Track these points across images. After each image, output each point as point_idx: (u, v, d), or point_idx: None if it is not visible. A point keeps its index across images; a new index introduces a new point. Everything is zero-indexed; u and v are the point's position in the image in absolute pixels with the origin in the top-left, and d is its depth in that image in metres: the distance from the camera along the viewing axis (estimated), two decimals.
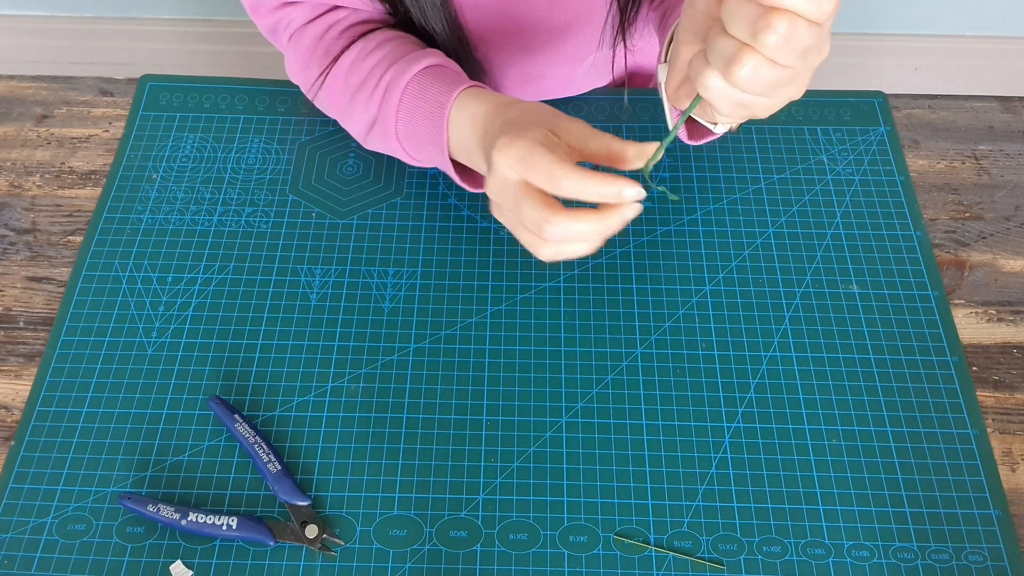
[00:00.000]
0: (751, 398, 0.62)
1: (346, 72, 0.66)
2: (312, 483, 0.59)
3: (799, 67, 0.42)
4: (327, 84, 0.67)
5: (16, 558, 0.56)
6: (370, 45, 0.66)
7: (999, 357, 0.66)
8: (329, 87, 0.67)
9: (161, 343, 0.64)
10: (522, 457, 0.60)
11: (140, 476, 0.59)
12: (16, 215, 0.74)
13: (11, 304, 0.69)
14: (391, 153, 0.67)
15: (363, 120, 0.66)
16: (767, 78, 0.42)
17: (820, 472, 0.59)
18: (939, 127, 0.78)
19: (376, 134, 0.66)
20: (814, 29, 0.40)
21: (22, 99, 0.83)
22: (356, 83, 0.65)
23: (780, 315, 0.66)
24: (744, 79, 0.42)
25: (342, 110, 0.68)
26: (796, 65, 0.42)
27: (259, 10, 0.69)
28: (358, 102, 0.65)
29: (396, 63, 0.63)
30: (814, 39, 0.40)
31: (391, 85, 0.63)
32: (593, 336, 0.65)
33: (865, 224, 0.71)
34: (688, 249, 0.69)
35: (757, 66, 0.41)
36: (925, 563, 0.56)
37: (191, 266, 0.68)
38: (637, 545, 0.56)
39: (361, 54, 0.65)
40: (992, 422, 0.63)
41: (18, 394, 0.64)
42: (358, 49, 0.66)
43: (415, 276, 0.68)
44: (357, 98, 0.65)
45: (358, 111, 0.66)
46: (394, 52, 0.64)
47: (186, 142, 0.76)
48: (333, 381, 0.63)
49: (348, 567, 0.56)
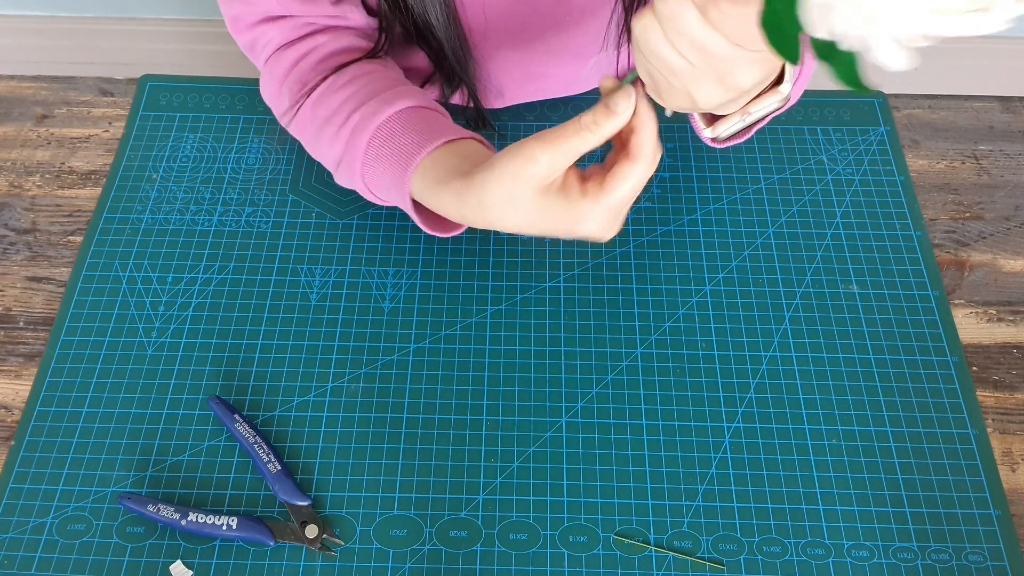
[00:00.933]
0: (751, 398, 0.62)
1: (313, 104, 0.63)
2: (312, 483, 0.59)
3: (697, 63, 0.42)
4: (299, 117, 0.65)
5: (16, 558, 0.56)
6: (342, 79, 0.63)
7: (999, 357, 0.66)
8: (301, 118, 0.65)
9: (161, 343, 0.64)
10: (522, 457, 0.60)
11: (140, 476, 0.59)
12: (16, 215, 0.74)
13: (11, 304, 0.69)
14: (357, 191, 0.65)
15: (329, 156, 0.63)
16: (657, 50, 0.42)
17: (820, 472, 0.59)
18: (939, 127, 0.78)
19: (342, 172, 0.63)
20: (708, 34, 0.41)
21: (22, 99, 0.83)
22: (323, 116, 0.62)
23: (780, 315, 0.66)
24: (636, 34, 0.43)
25: (309, 142, 0.66)
26: (690, 57, 0.42)
27: (237, 25, 0.67)
28: (324, 137, 0.62)
29: (366, 103, 0.60)
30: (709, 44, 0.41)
31: (358, 127, 0.60)
32: (593, 336, 0.65)
33: (865, 224, 0.71)
34: (688, 249, 0.69)
35: (648, 26, 0.42)
36: (925, 563, 0.56)
37: (191, 266, 0.68)
38: (637, 545, 0.56)
39: (332, 87, 0.63)
40: (992, 422, 0.63)
41: (18, 394, 0.64)
42: (329, 82, 0.63)
43: (415, 276, 0.68)
44: (323, 132, 0.62)
45: (324, 145, 0.63)
46: (365, 89, 0.62)
47: (186, 142, 0.76)
48: (333, 381, 0.63)
49: (348, 567, 0.56)
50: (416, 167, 0.57)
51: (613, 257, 0.69)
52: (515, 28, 0.72)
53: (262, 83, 0.70)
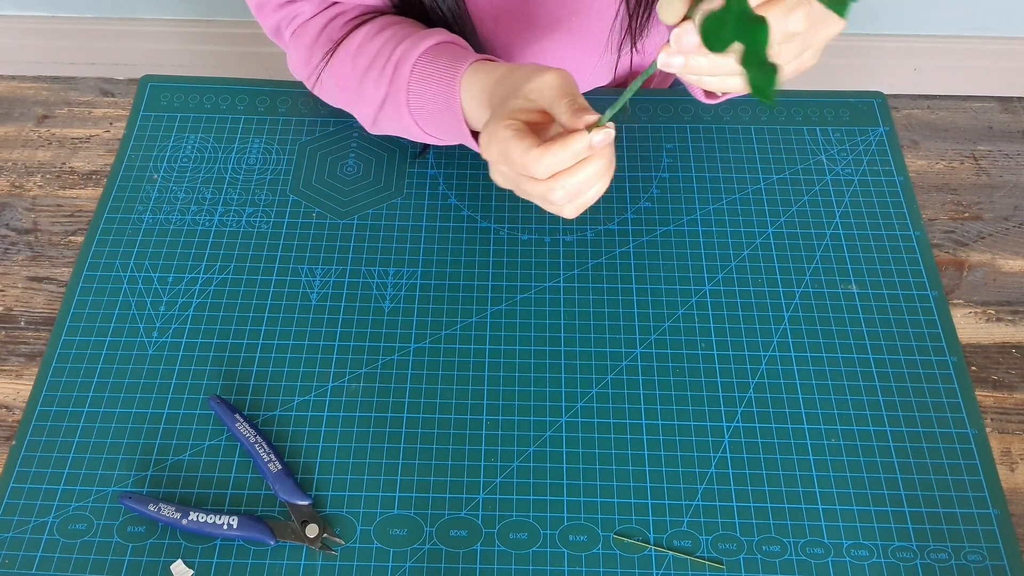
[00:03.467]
0: (751, 398, 0.62)
1: (354, 54, 0.66)
2: (312, 482, 0.59)
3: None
4: (335, 71, 0.68)
5: (17, 558, 0.56)
6: (376, 27, 0.67)
7: (998, 357, 0.67)
8: (337, 72, 0.68)
9: (162, 343, 0.65)
10: (522, 457, 0.60)
11: (141, 476, 0.59)
12: (17, 215, 0.74)
13: (12, 304, 0.69)
14: (403, 133, 0.68)
15: (373, 100, 0.66)
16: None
17: (820, 472, 0.59)
18: (938, 127, 0.78)
19: (387, 112, 0.66)
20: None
21: (23, 99, 0.84)
22: (364, 64, 0.66)
23: (780, 315, 0.66)
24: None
25: (351, 95, 0.69)
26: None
27: (264, 9, 0.70)
28: (367, 82, 0.66)
29: (405, 40, 0.64)
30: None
31: (401, 60, 0.63)
32: (593, 336, 0.65)
33: (864, 224, 0.71)
34: (688, 249, 0.69)
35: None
36: (924, 562, 0.56)
37: (192, 266, 0.68)
38: (637, 545, 0.57)
39: (368, 36, 0.66)
40: (991, 422, 0.63)
41: (19, 394, 0.64)
42: (364, 32, 0.67)
43: (415, 276, 0.68)
44: (367, 79, 0.66)
45: (368, 91, 0.66)
46: (402, 31, 0.66)
47: (187, 142, 0.76)
48: (333, 381, 0.63)
49: (348, 566, 0.56)
50: (465, 70, 0.61)
51: (613, 257, 0.69)
52: (521, 28, 0.72)
53: (289, 58, 0.72)
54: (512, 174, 0.52)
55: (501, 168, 0.53)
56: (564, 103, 0.51)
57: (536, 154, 0.50)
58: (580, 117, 0.50)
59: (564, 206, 0.53)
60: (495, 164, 0.53)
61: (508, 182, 0.54)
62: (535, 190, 0.52)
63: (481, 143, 0.53)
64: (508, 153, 0.51)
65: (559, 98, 0.51)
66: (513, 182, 0.53)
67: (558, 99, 0.51)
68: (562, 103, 0.51)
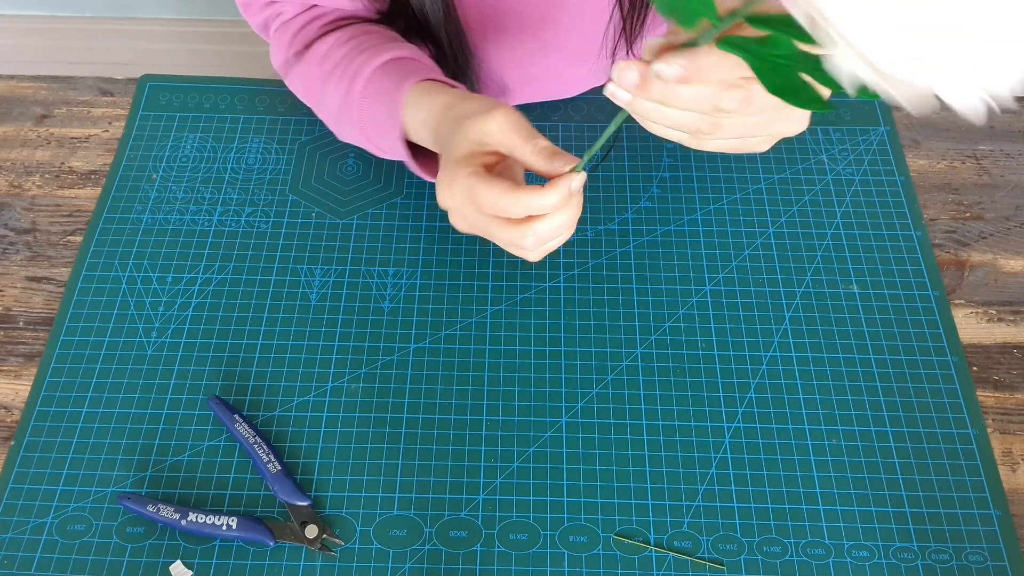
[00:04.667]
0: (751, 398, 0.62)
1: (321, 59, 0.67)
2: (312, 483, 0.59)
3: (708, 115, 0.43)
4: (304, 71, 0.68)
5: (16, 558, 0.56)
6: (346, 35, 0.67)
7: (999, 357, 0.66)
8: (305, 74, 0.68)
9: (161, 343, 0.64)
10: (522, 457, 0.60)
11: (140, 476, 0.59)
12: (16, 215, 0.73)
13: (11, 304, 0.69)
14: (360, 143, 0.68)
15: (332, 107, 0.67)
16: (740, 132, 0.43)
17: (820, 472, 0.59)
18: (939, 127, 0.78)
19: (343, 120, 0.67)
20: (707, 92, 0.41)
21: (22, 99, 0.83)
22: (328, 69, 0.66)
23: (780, 315, 0.66)
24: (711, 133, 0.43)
25: (316, 97, 0.69)
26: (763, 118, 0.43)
27: (250, 8, 0.71)
28: (329, 87, 0.66)
29: (366, 51, 0.64)
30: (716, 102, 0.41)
31: (358, 71, 0.63)
32: (593, 336, 0.65)
33: (865, 224, 0.70)
34: (688, 249, 0.69)
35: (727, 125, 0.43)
36: (925, 563, 0.56)
37: (191, 266, 0.68)
38: (637, 545, 0.56)
39: (336, 42, 0.66)
40: (992, 422, 0.63)
41: (18, 394, 0.64)
42: (334, 38, 0.67)
43: (415, 276, 0.68)
44: (328, 84, 0.66)
45: (329, 97, 0.67)
46: (367, 41, 0.65)
47: (186, 142, 0.76)
48: (333, 381, 0.63)
49: (348, 567, 0.56)
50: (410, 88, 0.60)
51: (613, 257, 0.69)
52: (514, 30, 0.72)
53: (271, 51, 0.72)
54: (478, 219, 0.51)
55: (464, 213, 0.51)
56: (528, 148, 0.49)
57: (514, 196, 0.48)
58: (555, 162, 0.49)
59: (531, 251, 0.52)
60: (457, 209, 0.51)
61: (472, 227, 0.52)
62: (505, 234, 0.50)
63: (440, 190, 0.52)
64: (476, 197, 0.49)
65: (520, 142, 0.50)
66: (480, 227, 0.52)
67: (519, 144, 0.50)
68: (527, 148, 0.49)
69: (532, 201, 0.48)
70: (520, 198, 0.48)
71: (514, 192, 0.49)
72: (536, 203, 0.48)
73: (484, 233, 0.52)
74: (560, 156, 0.49)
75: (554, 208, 0.49)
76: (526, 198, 0.48)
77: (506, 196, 0.49)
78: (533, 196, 0.48)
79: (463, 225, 0.53)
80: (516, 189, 0.49)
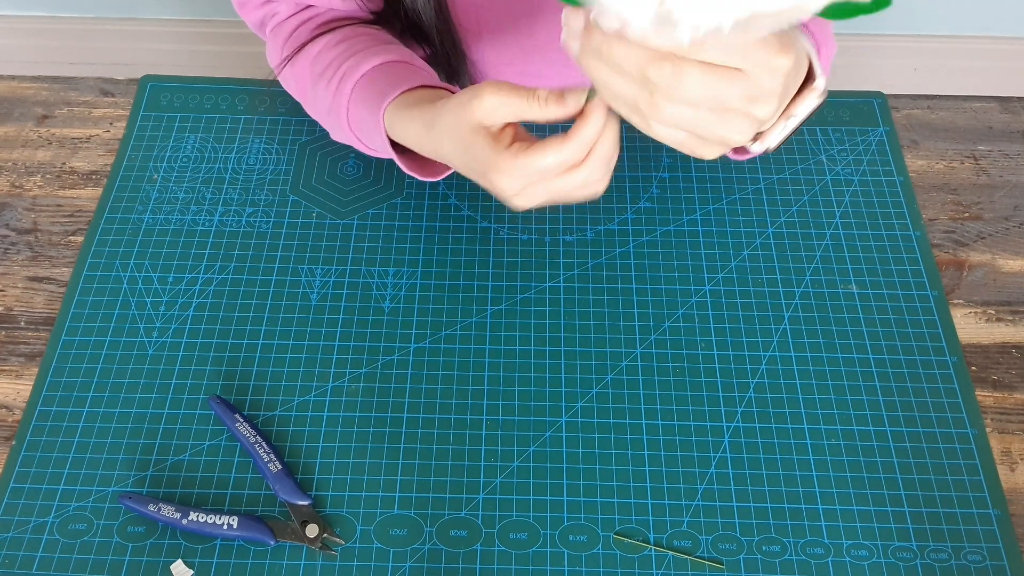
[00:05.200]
0: (751, 398, 0.62)
1: (312, 60, 0.67)
2: (312, 482, 0.59)
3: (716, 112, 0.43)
4: (296, 72, 0.69)
5: (17, 558, 0.56)
6: (338, 37, 0.67)
7: (998, 357, 0.67)
8: (298, 74, 0.69)
9: (162, 343, 0.65)
10: (522, 457, 0.60)
11: (141, 476, 0.59)
12: (17, 215, 0.74)
13: (12, 304, 0.69)
14: (352, 144, 0.68)
15: (322, 108, 0.67)
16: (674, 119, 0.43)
17: (820, 472, 0.59)
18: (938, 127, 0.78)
19: (332, 121, 0.67)
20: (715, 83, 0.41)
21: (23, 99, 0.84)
22: (319, 71, 0.66)
23: (780, 315, 0.66)
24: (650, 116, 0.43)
25: (307, 97, 0.69)
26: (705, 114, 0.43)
27: (246, 7, 0.71)
28: (319, 89, 0.66)
29: (357, 54, 0.64)
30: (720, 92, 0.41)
31: (347, 74, 0.63)
32: (593, 336, 0.65)
33: (864, 224, 0.71)
34: (688, 249, 0.69)
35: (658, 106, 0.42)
36: (924, 562, 0.56)
37: (191, 266, 0.68)
38: (637, 545, 0.57)
39: (328, 44, 0.67)
40: (991, 422, 0.63)
41: (19, 394, 0.64)
42: (326, 39, 0.67)
43: (415, 276, 0.68)
44: (318, 85, 0.66)
45: (319, 98, 0.67)
46: (359, 44, 0.66)
47: (187, 142, 0.76)
48: (333, 381, 0.63)
49: (348, 566, 0.56)
50: (392, 100, 0.59)
51: (613, 257, 0.69)
52: (509, 29, 0.72)
53: (267, 49, 0.73)
54: (547, 186, 0.50)
55: (534, 190, 0.51)
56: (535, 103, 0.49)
57: (569, 142, 0.48)
58: (568, 100, 0.48)
59: (604, 178, 0.51)
60: (524, 190, 0.51)
61: (545, 196, 0.51)
62: (577, 180, 0.50)
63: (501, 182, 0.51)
64: (538, 168, 0.49)
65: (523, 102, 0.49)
66: (552, 191, 0.51)
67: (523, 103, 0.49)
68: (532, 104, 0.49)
69: (584, 132, 0.48)
70: (573, 138, 0.48)
71: (565, 139, 0.48)
72: (587, 132, 0.48)
73: (557, 193, 0.51)
74: (569, 93, 0.49)
75: (603, 125, 0.48)
76: (577, 134, 0.48)
77: (563, 147, 0.48)
78: (582, 128, 0.48)
79: (534, 200, 0.52)
80: (563, 137, 0.48)
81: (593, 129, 0.48)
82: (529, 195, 0.51)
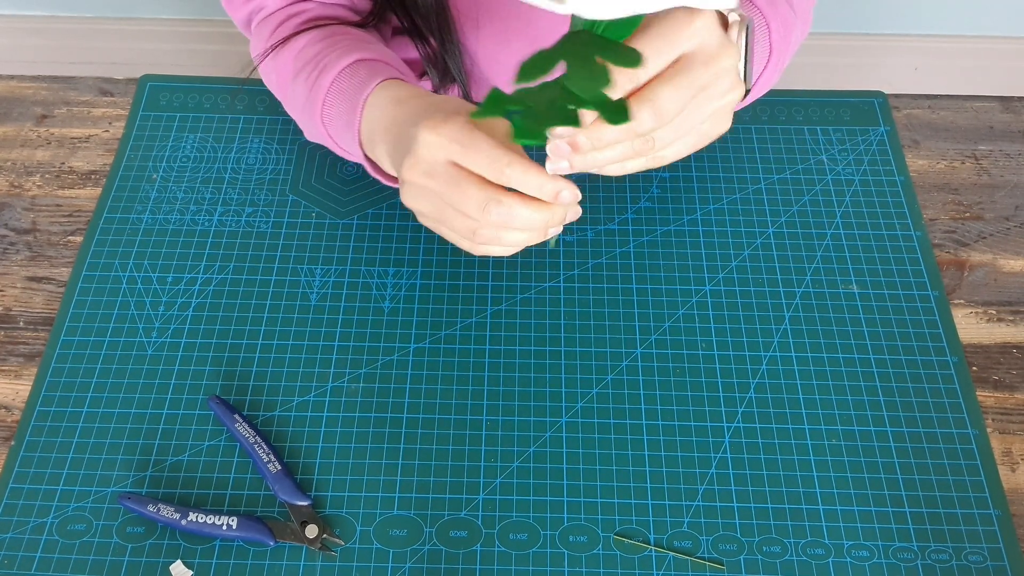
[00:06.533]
0: (751, 398, 0.62)
1: (295, 55, 0.66)
2: (312, 483, 0.59)
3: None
4: (279, 67, 0.68)
5: (16, 558, 0.56)
6: (323, 33, 0.66)
7: (999, 357, 0.67)
8: (280, 69, 0.68)
9: (161, 343, 0.64)
10: (522, 457, 0.60)
11: (140, 476, 0.59)
12: (16, 215, 0.74)
13: (11, 304, 0.69)
14: (324, 142, 0.67)
15: (298, 103, 0.66)
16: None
17: (820, 472, 0.59)
18: (939, 127, 0.78)
19: (306, 116, 0.66)
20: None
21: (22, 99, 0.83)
22: (300, 65, 0.66)
23: (780, 315, 0.66)
24: None
25: (286, 91, 0.69)
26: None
27: (233, 3, 0.71)
28: (298, 82, 0.66)
29: (339, 49, 0.64)
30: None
31: (327, 68, 0.63)
32: (593, 336, 0.65)
33: (865, 224, 0.71)
34: (688, 249, 0.69)
35: None
36: (925, 563, 0.56)
37: (191, 266, 0.68)
38: (637, 545, 0.56)
39: (313, 40, 0.66)
40: (992, 422, 0.63)
41: (18, 394, 0.64)
42: (311, 35, 0.67)
43: (415, 276, 0.68)
44: (298, 78, 0.66)
45: (298, 92, 0.66)
46: (343, 42, 0.65)
47: (186, 142, 0.76)
48: (333, 381, 0.63)
49: (348, 567, 0.56)
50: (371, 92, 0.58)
51: (613, 257, 0.69)
52: (508, 25, 0.72)
53: (251, 45, 0.72)
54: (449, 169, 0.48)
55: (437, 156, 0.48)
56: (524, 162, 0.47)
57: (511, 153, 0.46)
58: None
59: (481, 233, 0.49)
60: (431, 149, 0.48)
61: (435, 176, 0.48)
62: (477, 193, 0.47)
63: (431, 123, 0.48)
64: (472, 140, 0.46)
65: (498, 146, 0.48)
66: (446, 178, 0.48)
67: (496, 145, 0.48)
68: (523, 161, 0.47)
69: (526, 165, 0.46)
70: (514, 155, 0.46)
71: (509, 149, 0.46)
72: (529, 171, 0.46)
73: (449, 200, 0.48)
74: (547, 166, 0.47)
75: (541, 188, 0.46)
76: (520, 158, 0.46)
77: (500, 148, 0.46)
78: (527, 162, 0.46)
79: (422, 195, 0.50)
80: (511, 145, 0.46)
81: (539, 177, 0.46)
82: (428, 179, 0.49)
